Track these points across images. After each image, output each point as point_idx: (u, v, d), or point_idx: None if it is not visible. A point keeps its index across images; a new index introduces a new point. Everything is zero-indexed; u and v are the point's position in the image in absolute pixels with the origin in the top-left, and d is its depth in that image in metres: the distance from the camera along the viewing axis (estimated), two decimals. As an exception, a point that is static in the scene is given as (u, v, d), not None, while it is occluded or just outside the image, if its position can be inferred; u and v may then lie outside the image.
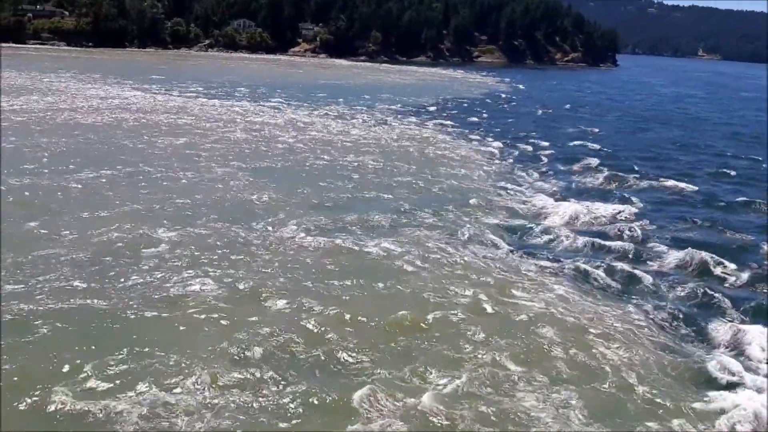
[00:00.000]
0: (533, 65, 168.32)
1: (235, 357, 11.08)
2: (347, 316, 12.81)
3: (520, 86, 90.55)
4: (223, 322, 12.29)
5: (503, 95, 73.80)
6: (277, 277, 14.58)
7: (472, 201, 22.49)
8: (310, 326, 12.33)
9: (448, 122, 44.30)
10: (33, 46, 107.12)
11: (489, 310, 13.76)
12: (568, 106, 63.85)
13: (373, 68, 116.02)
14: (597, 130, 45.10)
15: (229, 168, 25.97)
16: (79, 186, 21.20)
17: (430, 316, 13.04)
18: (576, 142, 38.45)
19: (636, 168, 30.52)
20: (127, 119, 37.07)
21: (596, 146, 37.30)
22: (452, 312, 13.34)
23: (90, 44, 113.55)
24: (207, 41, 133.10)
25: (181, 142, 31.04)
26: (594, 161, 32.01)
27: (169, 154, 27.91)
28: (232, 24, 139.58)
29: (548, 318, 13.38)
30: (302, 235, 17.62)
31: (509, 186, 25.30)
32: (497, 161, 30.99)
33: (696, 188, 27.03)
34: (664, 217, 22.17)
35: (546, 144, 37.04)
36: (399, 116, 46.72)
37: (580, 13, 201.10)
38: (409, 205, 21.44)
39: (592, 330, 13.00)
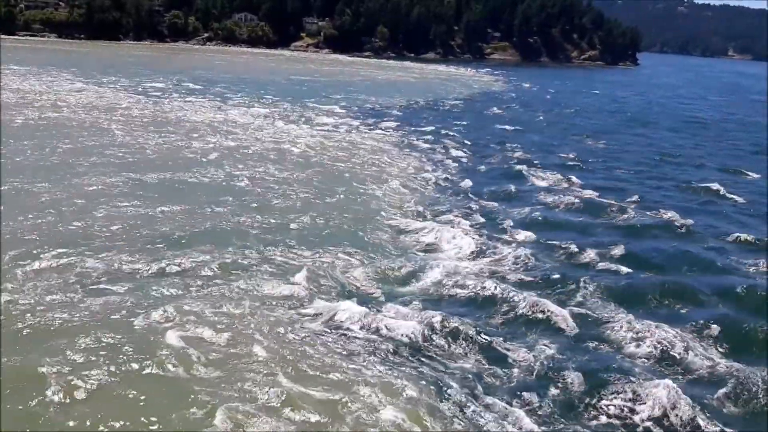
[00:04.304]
0: (547, 63, 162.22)
1: None
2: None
3: (523, 85, 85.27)
4: None
5: (497, 96, 68.65)
6: None
7: (366, 238, 17.81)
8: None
9: (410, 128, 39.29)
10: (22, 37, 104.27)
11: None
12: (571, 110, 57.50)
13: (372, 65, 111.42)
14: (580, 137, 40.07)
15: (112, 179, 22.02)
16: None
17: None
18: (547, 155, 33.16)
19: (598, 190, 25.48)
20: (34, 118, 33.17)
21: (568, 161, 32.21)
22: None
23: (82, 36, 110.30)
24: (206, 35, 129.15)
25: (73, 147, 26.95)
26: (553, 178, 27.16)
27: (49, 162, 23.89)
28: (233, 17, 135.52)
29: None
30: (90, 287, 13.31)
31: (422, 219, 19.89)
32: (434, 182, 25.58)
33: (663, 218, 21.92)
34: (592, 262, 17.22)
35: (511, 156, 32.03)
36: (358, 119, 41.95)
37: (600, 10, 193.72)
38: (274, 243, 16.79)
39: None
